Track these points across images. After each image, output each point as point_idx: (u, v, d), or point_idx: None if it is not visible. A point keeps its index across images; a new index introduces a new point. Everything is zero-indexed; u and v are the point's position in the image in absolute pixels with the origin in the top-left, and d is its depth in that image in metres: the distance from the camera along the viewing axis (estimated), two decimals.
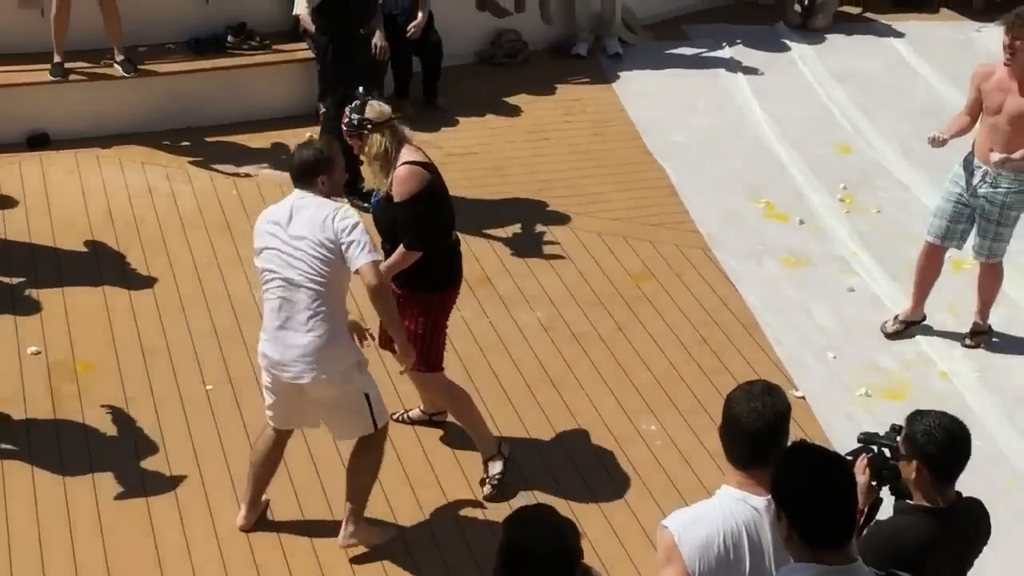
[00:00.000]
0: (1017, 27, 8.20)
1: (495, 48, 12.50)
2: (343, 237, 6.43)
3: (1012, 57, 8.28)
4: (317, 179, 6.60)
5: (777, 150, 11.21)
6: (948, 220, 8.66)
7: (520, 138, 11.32)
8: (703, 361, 8.57)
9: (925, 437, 4.95)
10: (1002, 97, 8.33)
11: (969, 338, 8.88)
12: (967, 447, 5.00)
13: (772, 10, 13.81)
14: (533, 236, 9.85)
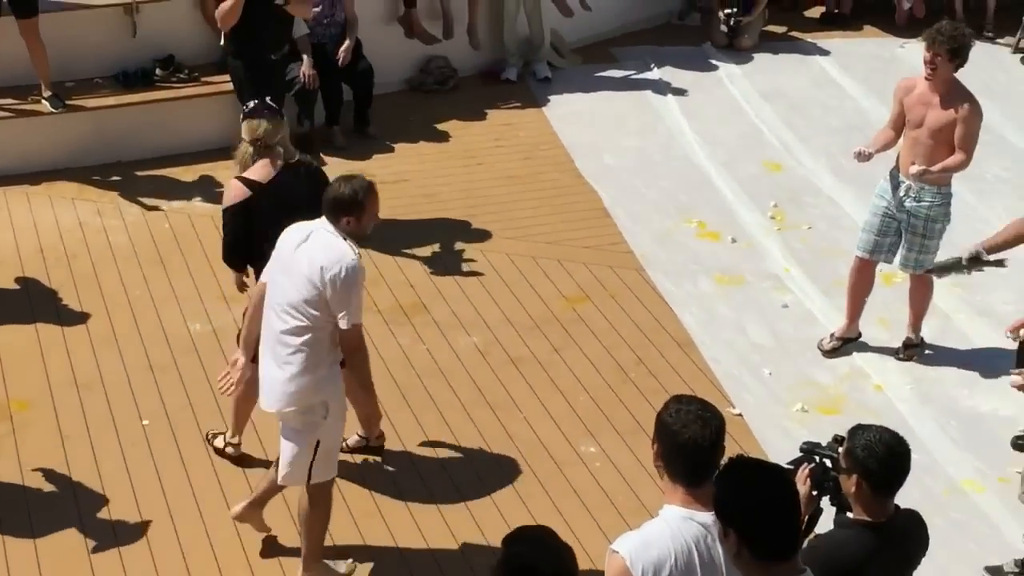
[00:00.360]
0: (938, 43, 8.30)
1: (424, 75, 12.51)
2: (332, 292, 6.43)
3: (933, 72, 8.39)
4: (343, 218, 6.54)
5: (708, 169, 11.29)
6: (876, 234, 8.75)
7: (452, 164, 11.34)
8: (640, 382, 8.60)
9: (865, 451, 4.99)
10: (924, 111, 8.43)
11: (902, 351, 8.96)
12: (906, 462, 5.04)
13: (699, 31, 13.91)
14: (467, 261, 9.86)
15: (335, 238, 6.53)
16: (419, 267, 9.76)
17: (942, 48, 8.29)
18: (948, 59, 8.30)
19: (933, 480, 7.84)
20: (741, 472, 4.39)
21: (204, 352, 8.67)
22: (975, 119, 8.39)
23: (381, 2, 12.23)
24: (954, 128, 8.35)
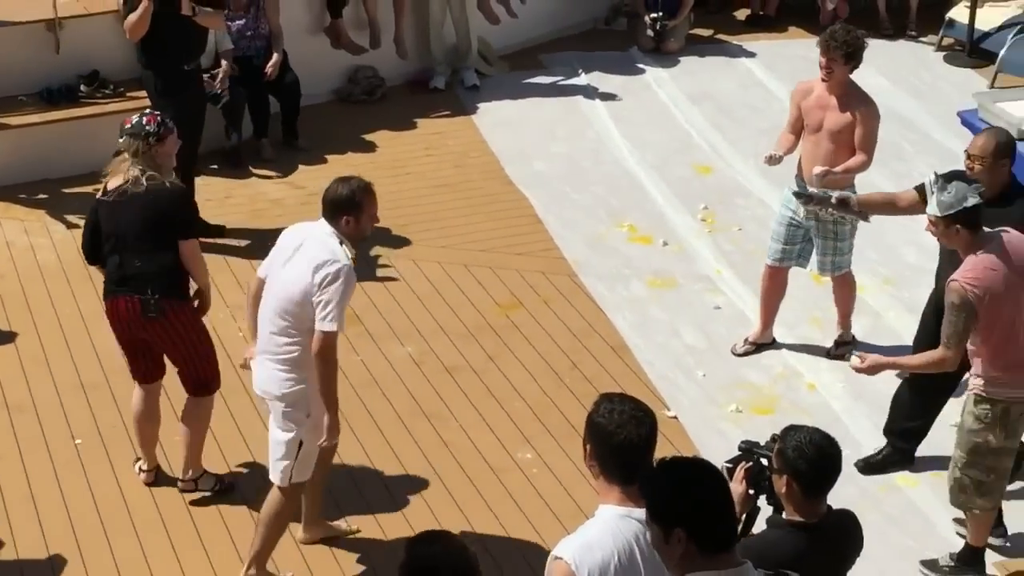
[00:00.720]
0: (832, 47, 8.35)
1: (352, 85, 12.48)
2: (317, 293, 6.51)
3: (829, 75, 8.44)
4: (342, 218, 6.67)
5: (638, 174, 11.33)
6: (784, 243, 8.79)
7: (382, 174, 11.24)
8: (575, 387, 8.62)
9: (795, 452, 5.04)
10: (822, 114, 8.48)
11: (834, 349, 9.02)
12: (836, 464, 5.08)
13: (625, 36, 13.97)
14: (400, 271, 9.84)
15: (331, 240, 6.63)
16: None
17: (837, 52, 8.34)
18: (843, 62, 8.37)
19: (868, 477, 7.89)
20: (680, 471, 4.39)
21: None
22: (873, 120, 8.46)
23: (307, 13, 12.20)
24: (853, 130, 8.41)
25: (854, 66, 8.47)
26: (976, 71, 13.19)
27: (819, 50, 8.46)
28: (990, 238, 6.68)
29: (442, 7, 12.62)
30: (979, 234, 6.65)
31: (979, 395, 6.82)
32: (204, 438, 7.63)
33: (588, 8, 14.25)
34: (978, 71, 13.17)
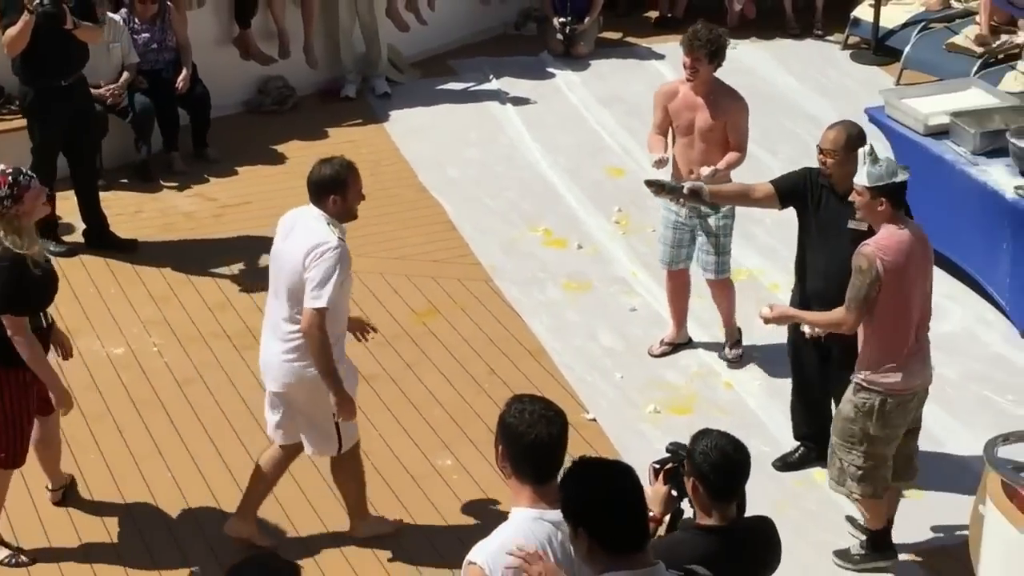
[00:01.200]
0: (695, 47, 8.39)
1: (262, 96, 12.42)
2: (308, 272, 6.68)
3: (695, 74, 8.49)
4: (328, 198, 6.81)
5: (551, 177, 11.36)
6: (672, 245, 8.85)
7: (295, 184, 11.04)
8: (494, 392, 8.62)
9: (701, 457, 5.09)
10: (691, 115, 8.52)
11: (728, 351, 9.03)
12: (741, 469, 5.12)
13: (535, 40, 14.00)
14: None
15: (319, 224, 6.78)
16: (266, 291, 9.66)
17: (701, 51, 8.39)
18: (707, 61, 8.41)
19: (786, 473, 7.95)
20: (591, 471, 4.42)
21: None
22: (743, 114, 8.53)
23: (214, 24, 12.13)
24: (724, 128, 8.45)
25: (718, 64, 8.49)
26: (882, 68, 13.34)
27: (683, 50, 8.48)
28: (908, 223, 6.78)
29: (351, 15, 12.59)
30: (899, 213, 6.74)
31: (859, 384, 6.93)
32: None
33: (498, 14, 14.27)
34: (884, 68, 13.31)
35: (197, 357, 8.98)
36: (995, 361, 9.08)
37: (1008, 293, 9.41)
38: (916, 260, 6.77)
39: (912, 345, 6.86)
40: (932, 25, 13.25)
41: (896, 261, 6.67)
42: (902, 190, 6.73)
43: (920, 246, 6.80)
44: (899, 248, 6.70)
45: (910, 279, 6.74)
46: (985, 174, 9.34)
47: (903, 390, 6.88)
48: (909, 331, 6.84)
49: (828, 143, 7.39)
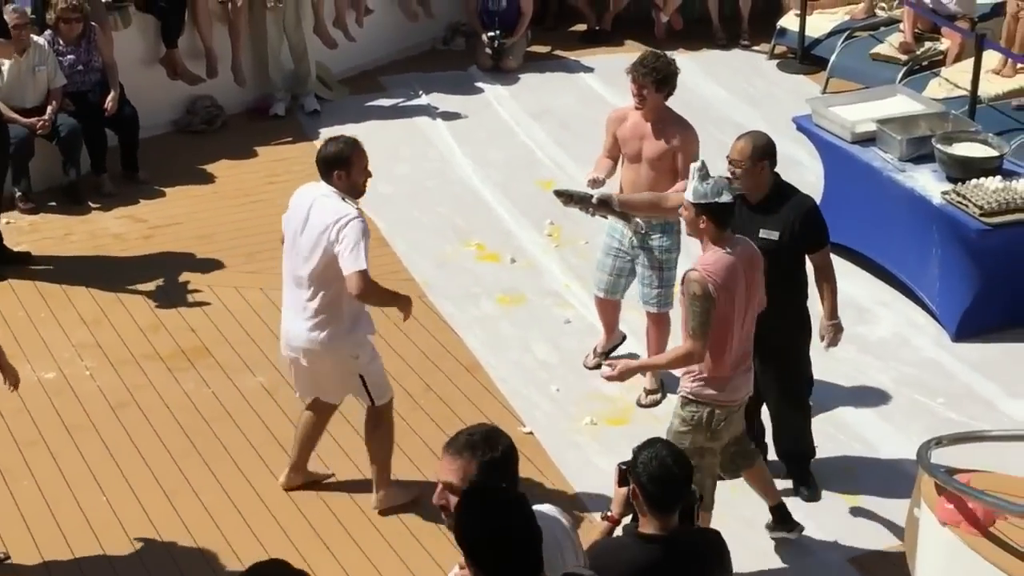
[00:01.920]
0: (642, 75, 8.31)
1: (191, 116, 12.36)
2: (336, 246, 7.02)
3: (642, 102, 8.43)
4: (333, 173, 7.14)
5: (482, 192, 11.37)
6: (610, 274, 8.80)
7: (226, 204, 11.22)
8: (430, 408, 8.61)
9: (642, 466, 5.13)
10: (640, 143, 8.43)
11: (645, 394, 8.82)
12: (680, 482, 5.15)
13: (464, 55, 14.02)
14: (248, 301, 9.76)
15: (332, 200, 7.12)
16: (199, 311, 9.64)
17: (647, 79, 8.30)
18: (655, 89, 8.31)
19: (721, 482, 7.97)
20: (478, 505, 4.26)
21: None
22: (693, 144, 8.38)
23: (141, 45, 12.06)
24: (673, 156, 8.33)
25: (668, 92, 8.38)
26: (808, 77, 13.46)
27: (629, 78, 8.42)
28: (734, 242, 6.78)
29: (279, 33, 12.56)
30: (723, 233, 6.75)
31: (687, 398, 6.97)
32: None
33: (426, 29, 14.27)
34: (810, 77, 13.44)
35: (130, 380, 8.91)
36: (927, 365, 9.17)
37: (938, 297, 9.50)
38: (742, 279, 6.78)
39: (737, 359, 6.89)
40: (857, 33, 13.40)
41: (725, 283, 6.70)
42: (726, 210, 6.71)
43: (746, 264, 6.80)
44: (726, 270, 6.72)
45: (732, 301, 6.76)
46: (912, 180, 9.44)
47: (729, 402, 6.93)
48: (735, 347, 6.86)
49: (735, 153, 7.45)
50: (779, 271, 7.31)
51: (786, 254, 7.40)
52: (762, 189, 7.43)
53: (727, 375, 6.86)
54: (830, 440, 8.38)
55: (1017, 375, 9.03)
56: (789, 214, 7.41)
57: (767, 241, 7.32)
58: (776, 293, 7.26)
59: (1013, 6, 12.23)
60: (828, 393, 8.80)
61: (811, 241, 7.48)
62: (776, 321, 7.36)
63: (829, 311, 7.62)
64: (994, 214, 8.97)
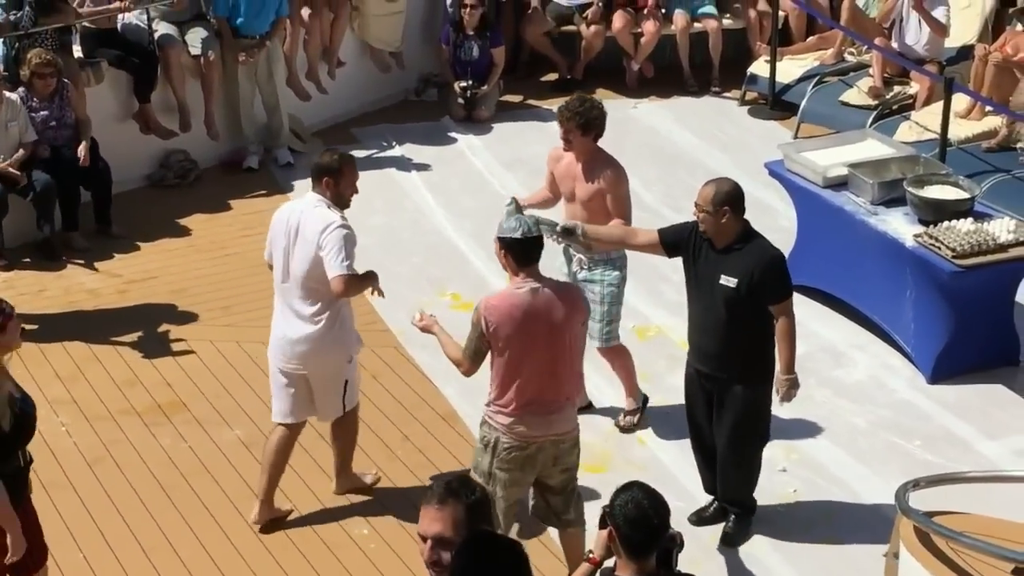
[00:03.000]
0: (566, 119, 8.38)
1: (165, 170, 12.36)
2: (322, 251, 7.46)
3: (569, 145, 8.50)
4: (323, 180, 7.63)
5: (457, 241, 11.39)
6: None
7: (201, 257, 11.21)
8: (408, 459, 8.60)
9: (619, 509, 5.14)
10: (572, 184, 8.52)
11: (622, 418, 9.00)
12: (656, 527, 5.14)
13: (437, 106, 14.07)
14: (224, 354, 9.74)
15: (320, 209, 7.57)
16: (175, 365, 9.62)
17: (571, 124, 8.37)
18: (581, 133, 8.38)
19: (701, 527, 7.97)
20: (473, 548, 4.36)
21: None
22: (620, 184, 8.46)
23: (114, 100, 12.07)
24: (602, 197, 8.41)
25: (596, 135, 8.44)
26: (780, 123, 13.55)
27: (557, 120, 8.50)
28: (538, 282, 6.87)
29: (251, 86, 12.60)
30: (525, 270, 6.87)
31: (484, 419, 7.11)
32: None
33: (398, 80, 14.32)
34: (781, 123, 13.53)
35: (106, 435, 8.88)
36: (903, 408, 9.19)
37: (913, 339, 9.54)
38: (539, 322, 6.82)
39: (529, 400, 6.92)
40: (827, 79, 13.48)
41: (500, 323, 6.82)
42: (524, 247, 6.82)
43: (547, 308, 6.83)
44: (507, 311, 6.82)
45: (518, 341, 6.83)
46: (885, 223, 9.49)
47: (517, 438, 6.96)
48: (526, 387, 6.90)
49: (699, 198, 7.50)
50: (738, 319, 7.39)
51: (745, 303, 7.40)
52: (726, 235, 7.46)
53: (515, 412, 6.94)
54: (808, 485, 8.40)
55: (993, 416, 9.07)
56: (750, 263, 7.41)
57: (726, 288, 7.39)
58: (736, 341, 7.37)
59: (981, 50, 12.34)
60: (805, 437, 8.84)
61: (769, 293, 7.43)
62: (735, 369, 7.44)
63: (784, 365, 7.53)
64: (967, 256, 9.02)
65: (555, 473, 7.10)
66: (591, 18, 14.26)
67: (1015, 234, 9.20)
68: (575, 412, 7.13)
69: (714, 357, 7.56)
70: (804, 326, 9.96)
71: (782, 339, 7.47)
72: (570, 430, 7.08)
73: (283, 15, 12.64)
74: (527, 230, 6.85)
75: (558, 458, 7.07)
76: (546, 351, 6.87)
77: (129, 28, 12.27)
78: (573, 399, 7.10)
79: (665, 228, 7.87)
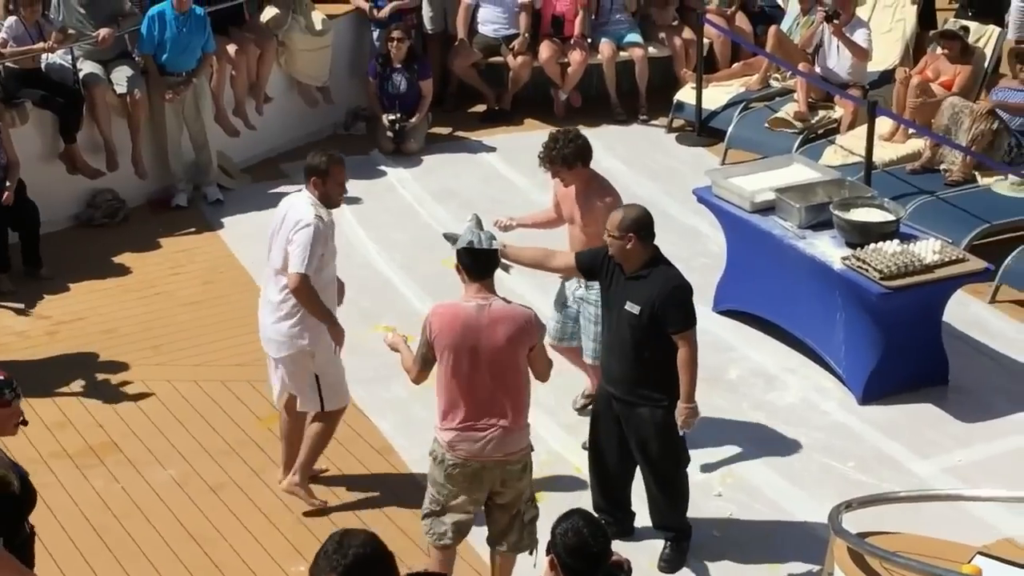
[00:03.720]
0: (549, 162, 8.53)
1: (92, 210, 12.28)
2: (289, 244, 7.83)
3: (564, 183, 8.65)
4: (311, 180, 8.07)
5: (388, 274, 11.39)
6: (559, 321, 8.99)
7: (130, 297, 11.13)
8: (343, 494, 8.56)
9: (560, 537, 5.18)
10: (571, 208, 8.68)
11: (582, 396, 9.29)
12: (596, 553, 5.17)
13: (365, 139, 14.06)
14: (156, 393, 9.68)
15: (304, 204, 7.98)
16: (106, 406, 9.54)
17: (555, 166, 8.53)
18: (567, 168, 8.53)
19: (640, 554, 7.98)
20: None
21: None
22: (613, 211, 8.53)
23: (39, 140, 11.97)
24: (599, 221, 8.38)
25: (583, 163, 8.56)
26: (707, 149, 13.64)
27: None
28: (480, 298, 6.97)
29: (178, 123, 12.54)
30: (473, 284, 7.01)
31: (434, 434, 7.21)
32: None
33: (326, 115, 14.31)
34: (709, 149, 13.62)
35: (37, 479, 8.65)
36: (835, 429, 9.25)
37: (844, 361, 9.61)
38: (474, 338, 6.92)
39: (464, 418, 7.00)
40: (753, 105, 13.60)
41: (440, 331, 6.96)
42: (469, 259, 7.00)
43: (487, 324, 6.91)
44: (449, 320, 6.95)
45: (450, 353, 6.94)
46: (813, 247, 9.56)
47: (457, 455, 7.06)
48: (460, 403, 7.00)
49: (608, 224, 7.63)
50: (642, 345, 7.51)
51: (647, 330, 7.49)
52: (633, 262, 7.56)
53: (454, 429, 7.03)
54: (745, 508, 8.44)
55: (924, 436, 9.15)
56: (653, 291, 7.49)
57: (630, 314, 7.51)
58: (640, 366, 7.50)
59: (901, 73, 12.49)
60: (740, 461, 8.88)
61: (670, 322, 7.48)
62: (640, 393, 7.58)
63: (684, 394, 7.53)
64: (894, 277, 9.11)
65: (505, 493, 7.17)
66: (518, 49, 14.31)
67: (941, 255, 9.31)
68: (523, 436, 7.12)
69: (620, 381, 7.70)
70: (736, 350, 10.11)
71: (682, 368, 7.50)
72: (514, 451, 7.09)
73: (209, 52, 12.61)
74: (477, 242, 6.96)
75: (506, 481, 7.12)
76: (485, 371, 6.92)
77: (53, 67, 12.19)
78: (519, 424, 7.07)
79: (582, 252, 7.99)
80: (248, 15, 13.53)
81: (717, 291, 10.57)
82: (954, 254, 9.42)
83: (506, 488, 7.14)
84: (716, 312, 10.50)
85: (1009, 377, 9.78)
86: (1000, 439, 9.12)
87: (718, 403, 9.42)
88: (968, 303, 10.51)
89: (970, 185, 11.59)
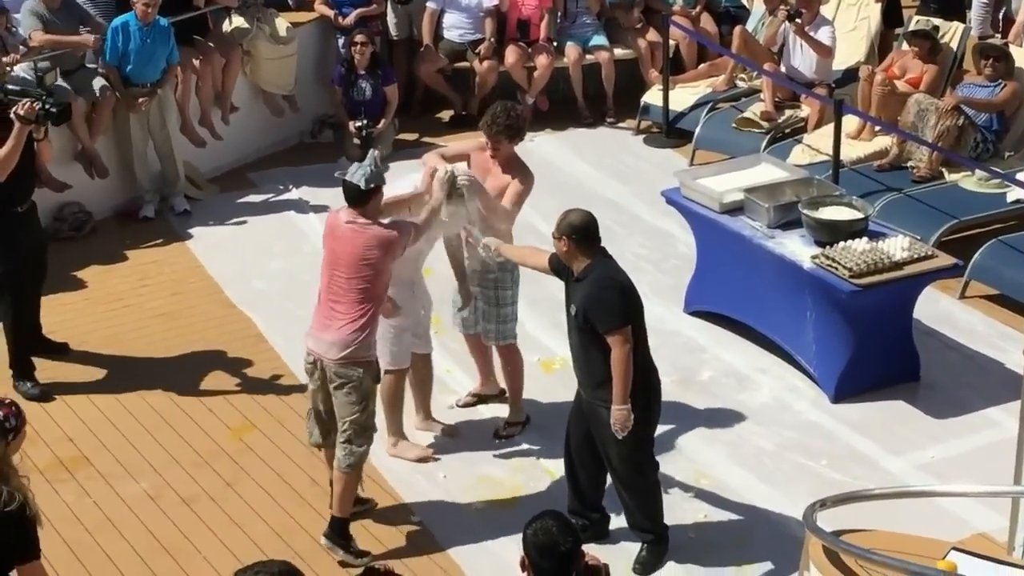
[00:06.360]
0: (496, 131, 8.69)
1: (59, 222, 12.18)
2: None
3: (496, 153, 8.78)
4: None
5: None
6: (461, 311, 9.17)
7: (98, 310, 11.07)
8: (317, 503, 8.52)
9: (531, 536, 5.27)
10: (484, 176, 8.77)
11: (502, 429, 9.21)
12: (564, 552, 5.21)
13: (333, 147, 14.00)
14: (127, 406, 9.62)
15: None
16: (76, 420, 9.48)
17: (502, 136, 8.70)
18: (509, 141, 8.75)
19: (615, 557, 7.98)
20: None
21: None
22: (526, 187, 8.80)
23: None
24: (502, 194, 8.73)
25: (519, 140, 8.84)
26: (675, 150, 13.64)
27: (483, 132, 8.77)
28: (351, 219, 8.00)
29: (144, 134, 12.47)
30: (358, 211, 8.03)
31: None
32: None
33: (293, 123, 14.26)
34: (677, 150, 13.62)
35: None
36: (808, 428, 9.27)
37: (815, 360, 9.62)
38: (329, 242, 8.03)
39: (315, 315, 8.08)
40: (720, 105, 13.62)
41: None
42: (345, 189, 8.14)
43: (338, 234, 8.00)
44: (328, 220, 8.24)
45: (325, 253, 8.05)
46: (782, 246, 9.58)
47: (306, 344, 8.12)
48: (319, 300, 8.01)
49: (554, 226, 7.74)
50: (588, 346, 7.62)
51: (588, 332, 7.58)
52: (575, 264, 7.66)
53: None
54: (719, 509, 8.45)
55: (896, 432, 9.17)
56: (584, 293, 7.57)
57: (572, 316, 7.65)
58: (593, 367, 7.61)
59: (866, 71, 12.52)
60: (714, 462, 8.88)
61: (599, 323, 7.52)
62: (597, 394, 7.63)
63: (615, 396, 7.51)
64: (863, 275, 9.12)
65: (336, 396, 7.85)
66: (484, 54, 14.30)
67: (909, 252, 9.34)
68: (347, 347, 7.79)
69: (581, 384, 7.85)
70: (707, 351, 10.13)
71: (613, 369, 7.47)
72: (334, 358, 7.79)
73: (174, 62, 12.54)
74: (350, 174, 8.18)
75: (331, 385, 7.84)
76: (326, 272, 7.89)
77: (16, 80, 12.09)
78: (344, 336, 7.77)
79: (555, 253, 8.02)
80: (212, 24, 13.48)
81: (688, 293, 10.58)
82: (923, 251, 9.45)
83: (335, 397, 7.87)
84: (687, 313, 10.52)
85: (980, 372, 9.81)
86: (972, 434, 9.15)
87: (690, 404, 9.43)
88: (938, 299, 10.54)
89: (937, 182, 11.63)
